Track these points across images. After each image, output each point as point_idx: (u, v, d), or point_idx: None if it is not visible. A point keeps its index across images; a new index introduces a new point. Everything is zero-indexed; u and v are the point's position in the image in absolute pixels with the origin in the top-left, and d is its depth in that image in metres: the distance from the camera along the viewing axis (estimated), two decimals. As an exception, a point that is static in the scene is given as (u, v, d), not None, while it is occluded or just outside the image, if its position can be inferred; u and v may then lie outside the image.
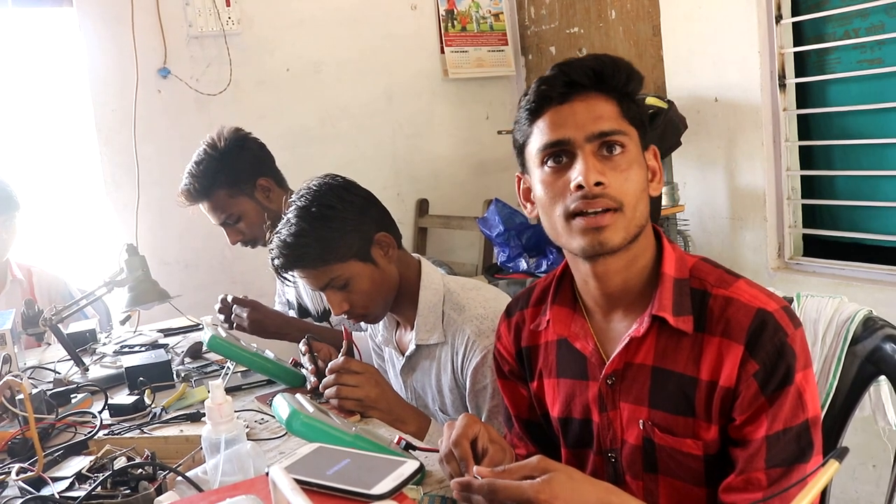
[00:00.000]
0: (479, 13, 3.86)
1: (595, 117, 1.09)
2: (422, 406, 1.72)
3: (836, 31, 2.59)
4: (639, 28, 3.26)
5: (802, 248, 2.83)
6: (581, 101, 1.10)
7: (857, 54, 2.55)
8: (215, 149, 2.19)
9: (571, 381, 1.22)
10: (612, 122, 1.09)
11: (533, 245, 2.89)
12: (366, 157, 3.59)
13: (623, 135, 1.09)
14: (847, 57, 2.58)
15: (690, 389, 1.09)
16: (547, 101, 1.11)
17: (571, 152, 1.09)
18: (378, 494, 0.99)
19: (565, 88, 1.10)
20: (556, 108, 1.11)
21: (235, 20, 3.22)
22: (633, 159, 1.10)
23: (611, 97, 1.11)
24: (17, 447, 1.41)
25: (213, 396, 1.16)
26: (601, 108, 1.10)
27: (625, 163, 1.09)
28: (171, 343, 2.27)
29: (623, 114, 1.11)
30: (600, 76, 1.10)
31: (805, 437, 1.04)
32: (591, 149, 1.08)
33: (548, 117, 1.11)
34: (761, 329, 1.04)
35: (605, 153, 1.09)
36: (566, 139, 1.09)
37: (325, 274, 1.59)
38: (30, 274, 2.57)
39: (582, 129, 1.08)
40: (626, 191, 1.08)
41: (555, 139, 1.10)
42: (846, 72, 2.58)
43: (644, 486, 1.15)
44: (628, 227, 1.08)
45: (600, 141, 1.08)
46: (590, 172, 1.06)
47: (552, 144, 1.10)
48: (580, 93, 1.10)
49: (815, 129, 2.76)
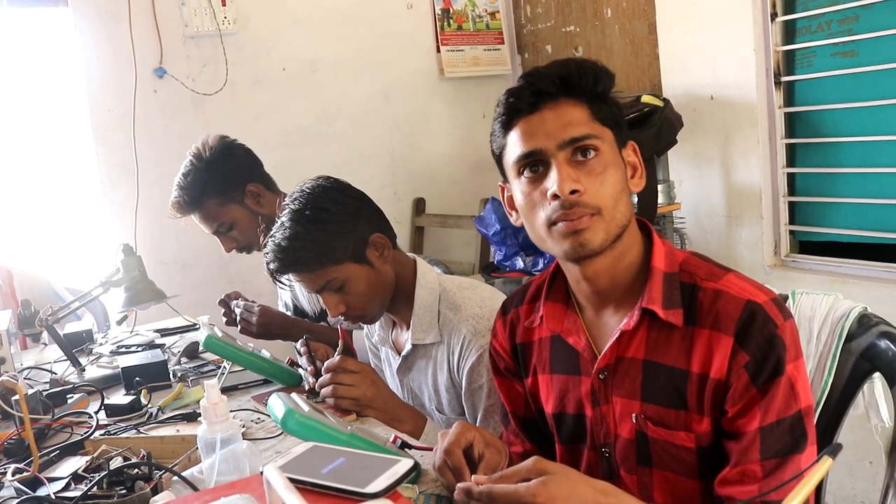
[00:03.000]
0: (475, 12, 3.86)
1: (564, 124, 1.09)
2: (418, 405, 1.72)
3: (810, 25, 2.59)
4: (634, 26, 3.26)
5: (798, 245, 2.84)
6: (550, 109, 1.11)
7: (830, 48, 2.57)
8: (201, 159, 2.19)
9: (565, 377, 1.23)
10: (582, 126, 1.10)
11: (529, 243, 2.89)
12: (362, 156, 3.59)
13: (595, 138, 1.10)
14: (821, 51, 2.59)
15: (682, 382, 1.09)
16: (516, 113, 1.13)
17: (545, 161, 1.10)
18: (372, 493, 0.99)
19: (533, 98, 1.11)
20: (526, 118, 1.12)
21: (231, 20, 3.21)
22: (609, 161, 1.11)
23: (580, 101, 1.11)
24: (13, 447, 1.42)
25: (208, 396, 1.16)
26: (570, 115, 1.10)
27: (599, 166, 1.10)
28: (168, 343, 2.27)
29: (594, 116, 1.11)
30: (566, 82, 1.11)
31: (798, 428, 1.04)
32: (564, 156, 1.09)
33: (519, 128, 1.12)
34: (751, 321, 1.05)
35: (580, 158, 1.09)
36: (538, 149, 1.10)
37: (320, 277, 1.59)
38: (10, 276, 2.54)
39: (553, 137, 1.09)
40: (602, 194, 1.09)
41: (527, 150, 1.11)
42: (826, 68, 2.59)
43: (638, 480, 1.15)
44: (608, 229, 1.09)
45: (572, 147, 1.09)
46: (564, 182, 1.07)
47: (525, 156, 1.11)
48: (548, 101, 1.11)
49: (809, 127, 2.76)
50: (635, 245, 1.16)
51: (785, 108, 2.75)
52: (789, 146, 2.78)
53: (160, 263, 3.06)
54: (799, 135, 2.76)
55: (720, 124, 2.88)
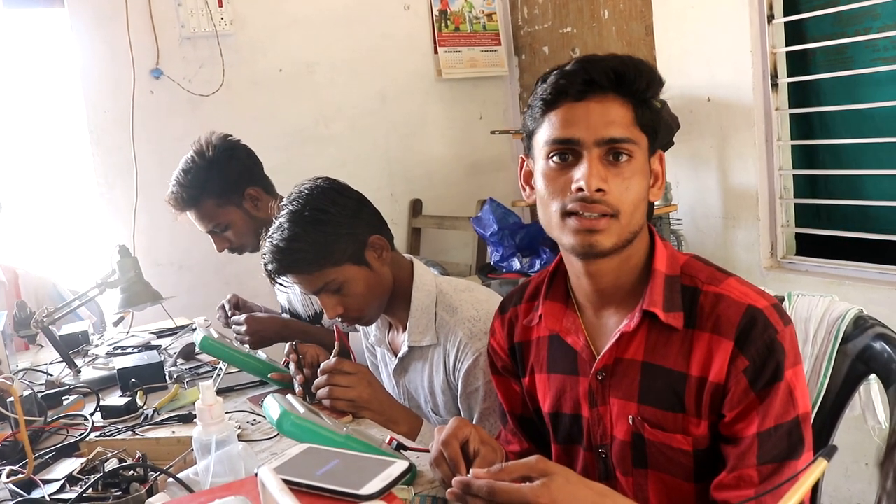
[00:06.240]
0: (472, 13, 3.86)
1: (608, 121, 1.07)
2: (414, 407, 1.72)
3: (846, 31, 2.56)
4: (631, 28, 3.27)
5: (795, 247, 2.84)
6: (597, 101, 1.08)
7: (870, 53, 2.54)
8: (204, 157, 2.15)
9: (562, 377, 1.22)
10: (623, 128, 1.08)
11: (526, 245, 2.89)
12: (359, 157, 3.59)
13: (632, 143, 1.08)
14: (861, 56, 2.56)
15: (680, 385, 1.09)
16: (563, 96, 1.09)
17: (578, 152, 1.08)
18: (367, 494, 0.99)
19: (583, 86, 1.08)
20: (570, 104, 1.09)
21: (228, 21, 3.21)
22: (638, 168, 1.09)
23: (627, 101, 1.09)
24: (7, 449, 1.41)
25: (203, 398, 1.16)
26: (615, 113, 1.08)
27: (629, 171, 1.08)
28: (164, 344, 2.26)
29: (636, 120, 1.09)
30: (621, 78, 1.08)
31: (796, 434, 1.04)
32: (599, 153, 1.07)
33: (561, 112, 1.09)
34: (751, 325, 1.05)
35: (612, 160, 1.08)
36: (575, 139, 1.08)
37: (319, 278, 1.58)
38: (15, 276, 2.54)
39: (593, 131, 1.07)
40: (625, 199, 1.07)
41: (564, 137, 1.08)
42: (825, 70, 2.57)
43: (634, 482, 1.15)
44: (621, 234, 1.09)
45: (609, 147, 1.07)
46: (592, 178, 1.05)
47: (560, 141, 1.09)
48: (597, 93, 1.08)
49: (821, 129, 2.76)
50: (642, 249, 1.16)
51: (782, 109, 2.75)
52: (802, 148, 2.78)
53: (156, 265, 3.06)
54: (821, 138, 2.74)
55: (717, 126, 2.89)
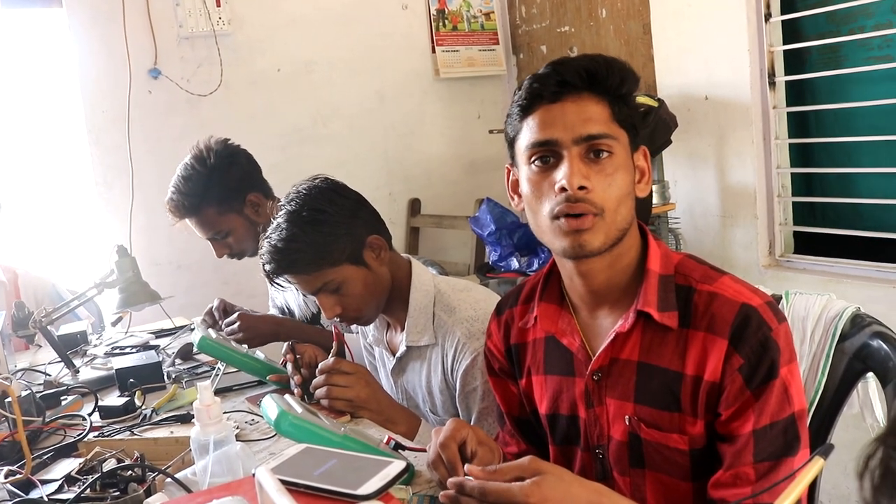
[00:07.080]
0: (469, 12, 3.86)
1: (584, 119, 1.08)
2: (412, 406, 1.72)
3: (840, 30, 2.57)
4: (629, 26, 3.27)
5: (793, 245, 2.84)
6: (572, 101, 1.09)
7: (863, 51, 2.55)
8: (203, 164, 2.12)
9: (559, 378, 1.22)
10: (601, 125, 1.09)
11: (524, 244, 2.89)
12: (358, 157, 3.59)
13: (611, 139, 1.09)
14: (854, 54, 2.57)
15: (676, 384, 1.09)
16: (538, 99, 1.11)
17: (558, 153, 1.09)
18: (364, 495, 0.99)
19: (557, 87, 1.09)
20: (546, 106, 1.10)
21: (226, 20, 3.21)
22: (620, 164, 1.10)
23: (603, 99, 1.10)
24: (5, 449, 1.41)
25: (201, 398, 1.16)
26: (591, 110, 1.09)
27: (611, 167, 1.09)
28: (163, 344, 2.26)
29: (614, 116, 1.10)
30: (593, 77, 1.09)
31: (792, 431, 1.05)
32: (578, 151, 1.08)
33: (538, 116, 1.11)
34: (745, 324, 1.05)
35: (592, 157, 1.08)
36: (554, 139, 1.08)
37: (317, 279, 1.58)
38: (14, 276, 2.54)
39: (570, 130, 1.08)
40: (608, 196, 1.08)
41: (542, 139, 1.09)
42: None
43: (631, 482, 1.15)
44: (609, 232, 1.09)
45: (588, 144, 1.08)
46: (574, 176, 1.06)
47: (539, 144, 1.10)
48: (571, 93, 1.09)
49: (816, 127, 2.76)
50: (633, 247, 1.16)
51: (779, 108, 2.75)
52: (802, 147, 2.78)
53: (154, 265, 3.05)
54: (819, 136, 2.75)
55: (714, 124, 2.89)
